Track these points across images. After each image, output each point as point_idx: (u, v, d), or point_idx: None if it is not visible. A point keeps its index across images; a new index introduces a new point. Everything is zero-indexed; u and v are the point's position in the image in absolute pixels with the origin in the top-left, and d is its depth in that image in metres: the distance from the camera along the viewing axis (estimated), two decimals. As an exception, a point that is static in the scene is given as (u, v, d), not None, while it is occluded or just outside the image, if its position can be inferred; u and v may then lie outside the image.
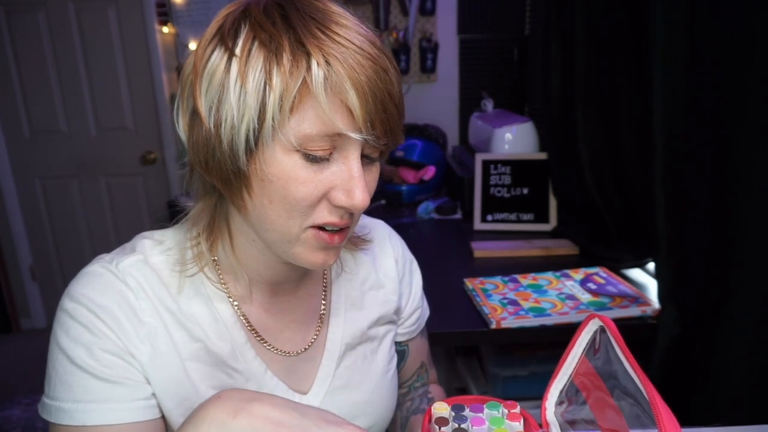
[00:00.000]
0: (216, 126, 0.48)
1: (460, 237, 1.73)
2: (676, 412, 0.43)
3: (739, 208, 0.90)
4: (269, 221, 0.51)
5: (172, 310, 0.56)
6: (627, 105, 1.27)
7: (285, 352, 0.62)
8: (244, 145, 0.47)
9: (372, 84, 0.47)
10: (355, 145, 0.49)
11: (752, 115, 0.86)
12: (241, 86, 0.46)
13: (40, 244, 2.97)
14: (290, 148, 0.48)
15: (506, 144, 1.92)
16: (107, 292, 0.53)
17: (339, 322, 0.66)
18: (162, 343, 0.54)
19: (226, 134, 0.47)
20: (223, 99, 0.47)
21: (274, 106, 0.45)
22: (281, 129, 0.47)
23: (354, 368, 0.66)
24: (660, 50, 0.99)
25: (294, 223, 0.51)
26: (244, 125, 0.47)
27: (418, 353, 0.79)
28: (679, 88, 1.00)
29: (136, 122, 2.81)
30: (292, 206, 0.49)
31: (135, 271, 0.55)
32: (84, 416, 0.51)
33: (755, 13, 0.83)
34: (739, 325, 0.92)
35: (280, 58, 0.45)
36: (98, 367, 0.51)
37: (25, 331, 3.04)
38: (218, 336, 0.57)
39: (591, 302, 1.17)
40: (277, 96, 0.45)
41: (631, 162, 1.30)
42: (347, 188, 0.49)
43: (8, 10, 2.66)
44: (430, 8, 2.53)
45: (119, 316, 0.53)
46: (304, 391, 0.63)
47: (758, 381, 0.91)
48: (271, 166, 0.48)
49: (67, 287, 0.55)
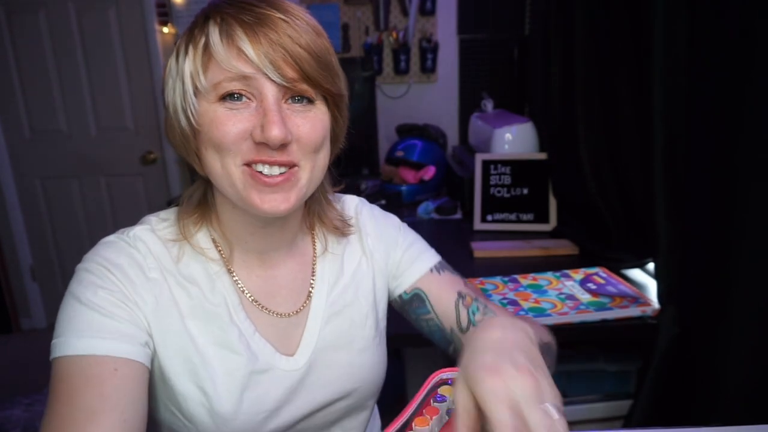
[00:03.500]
0: (166, 102, 0.61)
1: (460, 237, 1.73)
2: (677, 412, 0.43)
3: (738, 208, 0.90)
4: (212, 167, 0.60)
5: (173, 272, 0.63)
6: (627, 105, 1.27)
7: (276, 313, 0.68)
8: (180, 105, 0.59)
9: (271, 32, 0.55)
10: (267, 86, 0.57)
11: (752, 115, 0.86)
12: (175, 64, 0.59)
13: (41, 244, 2.97)
14: (211, 100, 0.58)
15: (506, 144, 1.92)
16: (119, 253, 0.61)
17: (323, 290, 0.72)
18: (164, 298, 0.61)
19: (171, 105, 0.61)
20: (167, 80, 0.61)
21: (191, 69, 0.57)
22: (200, 85, 0.57)
23: (339, 332, 0.71)
24: (660, 50, 0.99)
25: (228, 162, 0.58)
26: (177, 92, 0.59)
27: (443, 288, 0.77)
28: (679, 88, 1.00)
29: (136, 122, 2.81)
30: (218, 145, 0.58)
31: (143, 236, 0.64)
32: (83, 345, 0.55)
33: (755, 14, 0.83)
34: (739, 325, 0.92)
35: (192, 32, 0.58)
36: (102, 305, 0.57)
37: (25, 331, 3.04)
38: (213, 296, 0.64)
39: (591, 302, 1.17)
40: (190, 59, 0.57)
41: (631, 162, 1.30)
42: (263, 123, 0.56)
43: (8, 10, 2.66)
44: (430, 8, 2.53)
45: (128, 272, 0.60)
46: (290, 353, 0.68)
47: (758, 381, 0.91)
48: (201, 117, 0.59)
49: (91, 250, 0.63)
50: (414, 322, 0.80)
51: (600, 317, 1.12)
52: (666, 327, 1.07)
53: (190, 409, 0.61)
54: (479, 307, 0.76)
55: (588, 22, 1.39)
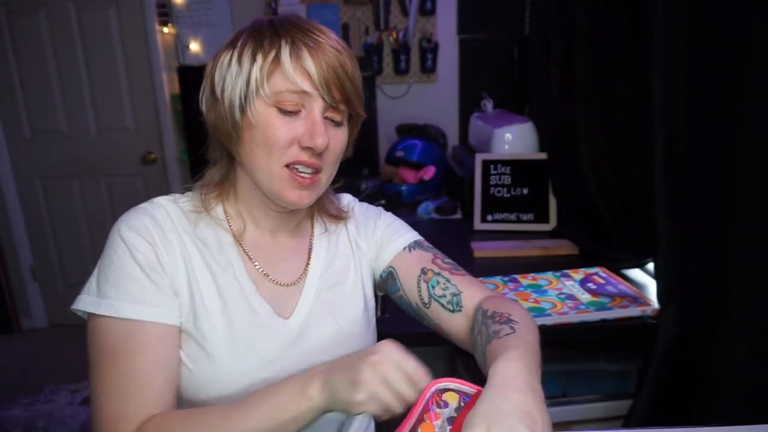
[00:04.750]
0: (221, 94, 0.69)
1: (460, 237, 1.73)
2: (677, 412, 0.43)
3: (738, 208, 0.90)
4: (256, 161, 0.70)
5: (189, 232, 0.73)
6: (627, 105, 1.27)
7: (275, 281, 0.77)
8: (238, 102, 0.68)
9: (328, 58, 0.67)
10: (317, 103, 0.68)
11: (752, 115, 0.86)
12: (237, 65, 0.68)
13: (41, 244, 2.97)
14: (269, 104, 0.68)
15: (506, 144, 1.92)
16: (144, 216, 0.71)
17: (318, 266, 0.82)
18: (178, 253, 0.71)
19: (227, 98, 0.69)
20: (226, 76, 0.69)
21: (257, 73, 0.67)
22: (262, 89, 0.67)
23: (333, 302, 0.80)
24: (660, 50, 0.99)
25: (273, 161, 0.69)
26: (237, 89, 0.68)
27: (409, 265, 0.82)
28: (679, 88, 1.00)
29: (137, 122, 2.81)
30: (270, 147, 0.68)
31: (165, 204, 0.74)
32: (130, 310, 0.65)
33: (755, 14, 0.83)
34: (739, 325, 0.92)
35: (261, 44, 0.68)
36: (140, 273, 0.67)
37: (26, 331, 3.04)
38: (221, 257, 0.74)
39: (591, 302, 1.17)
40: (258, 66, 0.67)
41: (631, 162, 1.30)
42: (310, 133, 0.68)
43: (8, 10, 2.67)
44: (430, 8, 2.53)
45: (153, 234, 0.69)
46: (286, 316, 0.76)
47: (758, 381, 0.91)
48: (256, 116, 0.68)
49: (123, 216, 0.72)
50: (395, 301, 0.86)
51: (600, 317, 1.12)
52: (666, 327, 1.07)
53: (190, 350, 0.69)
54: (439, 281, 0.79)
55: (588, 22, 1.39)
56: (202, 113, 0.74)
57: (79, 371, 2.46)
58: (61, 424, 2.03)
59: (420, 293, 0.80)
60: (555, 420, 1.29)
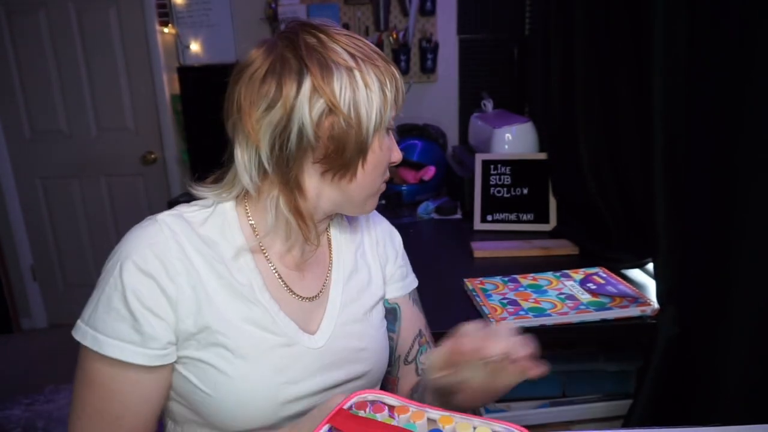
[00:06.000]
0: (351, 114, 0.66)
1: (460, 237, 1.73)
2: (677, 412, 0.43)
3: (738, 208, 0.90)
4: (370, 182, 0.72)
5: (201, 252, 0.68)
6: (627, 105, 1.27)
7: (299, 296, 0.74)
8: (374, 125, 0.67)
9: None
10: None
11: (752, 115, 0.86)
12: (366, 88, 0.66)
13: (41, 244, 2.97)
14: (387, 128, 0.71)
15: (506, 144, 1.92)
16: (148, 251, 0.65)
17: (340, 278, 0.80)
18: (187, 284, 0.66)
19: (362, 119, 0.66)
20: (357, 96, 0.66)
21: (390, 97, 0.68)
22: (388, 115, 0.69)
23: (354, 318, 0.78)
24: (660, 50, 0.99)
25: (381, 180, 0.74)
26: (374, 113, 0.67)
27: (411, 318, 0.87)
28: (679, 88, 1.00)
29: (137, 122, 2.81)
30: (383, 167, 0.72)
31: (172, 223, 0.68)
32: (112, 349, 0.63)
33: (755, 14, 0.83)
34: (739, 325, 0.92)
35: (379, 68, 0.68)
36: (129, 318, 0.63)
37: (26, 331, 3.04)
38: (240, 276, 0.70)
39: (591, 302, 1.17)
40: (389, 91, 0.68)
41: (631, 162, 1.30)
42: (395, 148, 0.74)
43: (8, 10, 2.67)
44: (430, 8, 2.53)
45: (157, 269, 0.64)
46: (312, 331, 0.74)
47: (758, 381, 0.91)
48: (383, 141, 0.71)
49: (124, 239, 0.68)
50: None
51: (600, 317, 1.12)
52: (666, 327, 1.07)
53: (214, 379, 0.66)
54: (425, 351, 0.86)
55: (588, 22, 1.39)
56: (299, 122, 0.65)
57: (79, 371, 2.46)
58: (61, 424, 2.03)
59: (410, 350, 0.86)
60: (555, 420, 1.29)
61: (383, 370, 0.82)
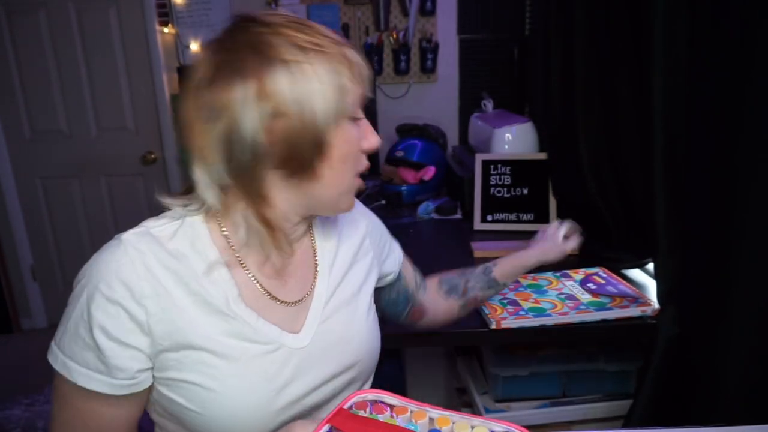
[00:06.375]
0: (299, 113, 0.61)
1: (460, 237, 1.73)
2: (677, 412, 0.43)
3: (738, 208, 0.90)
4: (339, 179, 0.66)
5: (172, 269, 0.64)
6: (627, 105, 1.27)
7: (284, 302, 0.71)
8: (331, 118, 0.62)
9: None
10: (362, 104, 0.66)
11: (752, 115, 0.86)
12: (317, 79, 0.61)
13: (41, 244, 2.97)
14: (349, 116, 0.64)
15: (506, 144, 1.92)
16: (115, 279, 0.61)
17: (325, 275, 0.77)
18: (157, 305, 0.62)
19: (309, 116, 0.61)
20: (303, 91, 0.60)
21: (347, 84, 0.63)
22: (347, 104, 0.63)
23: (338, 311, 0.76)
24: (660, 50, 0.99)
25: (352, 174, 0.68)
26: (328, 106, 0.61)
27: (408, 267, 0.98)
28: (679, 88, 1.00)
29: (137, 122, 2.81)
30: (351, 160, 0.66)
31: (137, 242, 0.64)
32: (83, 378, 0.62)
33: (755, 13, 0.83)
34: (739, 325, 0.92)
35: (327, 52, 0.62)
36: (95, 348, 0.61)
37: (26, 331, 3.04)
38: (214, 288, 0.66)
39: (591, 302, 1.17)
40: (346, 77, 0.62)
41: (631, 162, 1.30)
42: (367, 135, 0.68)
43: (9, 10, 2.67)
44: (430, 8, 2.53)
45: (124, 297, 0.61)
46: (296, 330, 0.71)
47: (758, 381, 0.91)
48: (345, 132, 0.64)
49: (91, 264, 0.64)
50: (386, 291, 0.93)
51: (600, 317, 1.12)
52: (666, 327, 1.07)
53: (201, 397, 0.64)
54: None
55: (588, 22, 1.39)
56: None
57: (79, 371, 2.46)
58: (61, 424, 2.03)
59: (416, 282, 0.98)
60: (555, 420, 1.29)
61: (375, 358, 0.81)
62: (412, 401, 0.60)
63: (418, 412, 0.58)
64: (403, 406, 0.60)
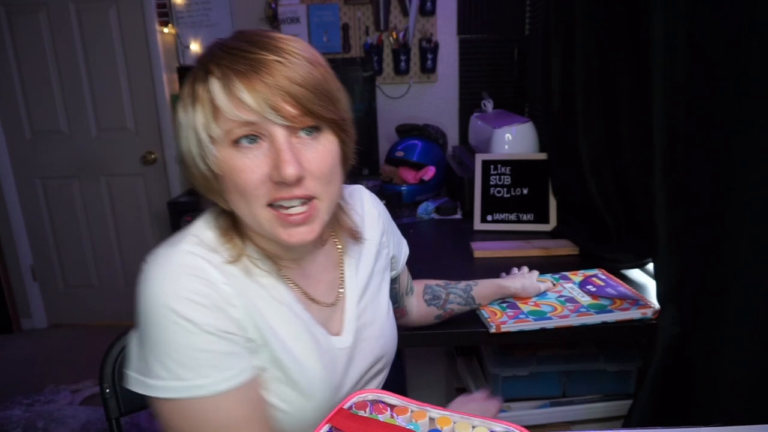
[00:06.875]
0: (182, 151, 0.64)
1: (460, 237, 1.73)
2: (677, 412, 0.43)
3: (738, 207, 0.90)
4: (241, 210, 0.64)
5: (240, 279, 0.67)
6: (627, 105, 1.27)
7: (321, 303, 0.75)
8: (198, 154, 0.62)
9: (269, 77, 0.58)
10: (274, 128, 0.60)
11: (752, 115, 0.86)
12: (184, 113, 0.62)
13: (41, 244, 2.97)
14: (226, 145, 0.61)
15: (506, 144, 1.92)
16: (193, 279, 0.62)
17: (352, 277, 0.80)
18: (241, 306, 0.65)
19: (187, 153, 0.63)
20: (180, 127, 0.63)
21: (202, 122, 0.61)
22: (214, 134, 0.60)
23: (368, 308, 0.80)
24: (660, 50, 0.99)
25: (253, 205, 0.62)
26: (192, 141, 0.62)
27: (405, 271, 1.00)
28: (679, 88, 1.00)
29: (137, 122, 2.81)
30: (244, 191, 0.61)
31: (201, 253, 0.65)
32: (211, 385, 0.61)
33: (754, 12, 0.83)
34: (739, 325, 0.92)
35: (194, 87, 0.62)
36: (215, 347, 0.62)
37: (26, 331, 3.04)
38: (277, 293, 0.69)
39: (591, 305, 1.16)
40: (201, 114, 0.61)
41: (631, 162, 1.30)
42: (276, 164, 0.60)
43: (9, 10, 2.67)
44: (430, 8, 2.53)
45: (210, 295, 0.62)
46: (338, 333, 0.76)
47: (758, 381, 0.91)
48: (221, 163, 0.62)
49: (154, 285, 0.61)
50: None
51: (601, 320, 1.12)
52: (666, 327, 1.06)
53: (283, 394, 0.68)
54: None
55: (588, 22, 1.39)
56: None
57: (79, 371, 2.46)
58: (61, 424, 2.03)
59: (407, 286, 1.02)
60: (555, 420, 1.29)
61: (395, 347, 0.87)
62: (412, 401, 0.60)
63: (418, 412, 0.58)
64: (404, 406, 0.60)
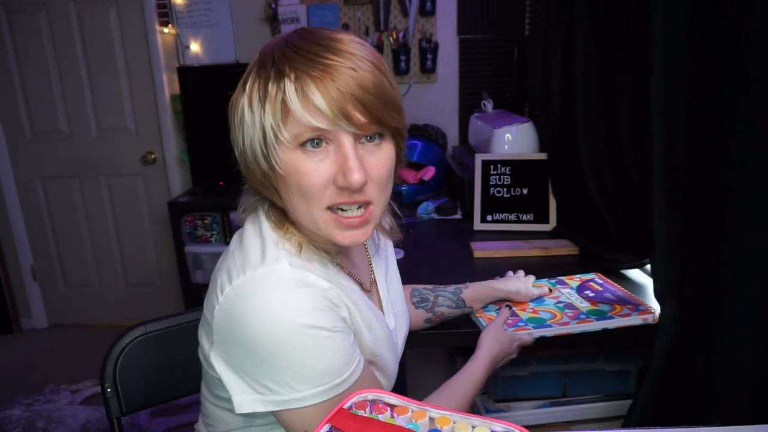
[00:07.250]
0: (243, 144, 0.66)
1: (460, 237, 1.73)
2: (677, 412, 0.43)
3: (738, 207, 0.90)
4: (298, 211, 0.67)
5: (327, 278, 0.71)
6: (627, 105, 1.27)
7: (366, 288, 0.82)
8: (261, 153, 0.64)
9: (341, 83, 0.59)
10: (342, 135, 0.62)
11: (752, 115, 0.86)
12: (250, 112, 0.64)
13: (41, 244, 2.97)
14: (292, 147, 0.63)
15: (506, 144, 1.92)
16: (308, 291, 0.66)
17: (381, 266, 0.89)
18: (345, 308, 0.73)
19: (250, 150, 0.65)
20: (243, 125, 0.65)
21: (272, 123, 0.62)
22: (281, 135, 0.62)
23: (391, 290, 0.89)
24: (660, 50, 0.99)
25: (313, 207, 0.65)
26: (257, 140, 0.64)
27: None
28: (679, 88, 1.00)
29: (137, 122, 2.81)
30: (306, 194, 0.64)
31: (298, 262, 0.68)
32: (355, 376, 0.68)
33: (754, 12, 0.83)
34: (739, 324, 0.92)
35: (266, 87, 0.62)
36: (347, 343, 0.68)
37: (26, 331, 3.04)
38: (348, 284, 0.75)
39: (591, 311, 1.14)
40: (270, 115, 0.62)
41: (631, 162, 1.30)
42: (343, 170, 0.62)
43: (9, 10, 2.67)
44: (430, 9, 2.53)
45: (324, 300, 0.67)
46: (384, 315, 0.83)
47: (758, 381, 0.91)
48: (285, 164, 0.63)
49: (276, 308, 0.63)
50: None
51: (602, 326, 1.09)
52: (665, 327, 1.06)
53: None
54: None
55: (588, 22, 1.39)
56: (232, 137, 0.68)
57: (79, 371, 2.46)
58: (61, 424, 2.03)
59: None
60: (555, 420, 1.29)
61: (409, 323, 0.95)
62: (412, 401, 0.60)
63: (418, 411, 0.58)
64: (404, 405, 0.60)
